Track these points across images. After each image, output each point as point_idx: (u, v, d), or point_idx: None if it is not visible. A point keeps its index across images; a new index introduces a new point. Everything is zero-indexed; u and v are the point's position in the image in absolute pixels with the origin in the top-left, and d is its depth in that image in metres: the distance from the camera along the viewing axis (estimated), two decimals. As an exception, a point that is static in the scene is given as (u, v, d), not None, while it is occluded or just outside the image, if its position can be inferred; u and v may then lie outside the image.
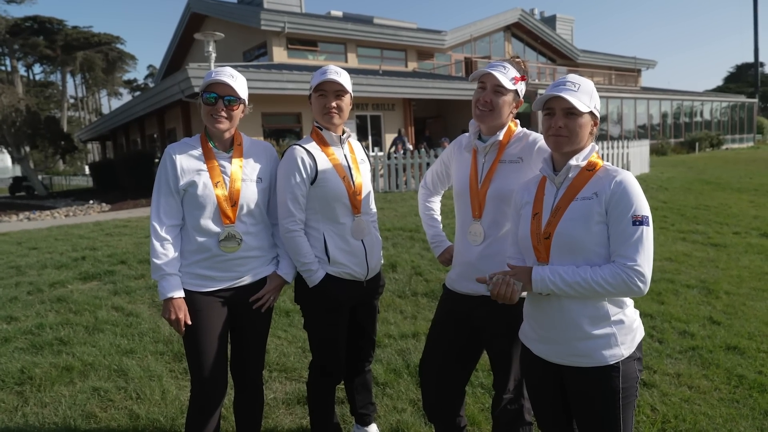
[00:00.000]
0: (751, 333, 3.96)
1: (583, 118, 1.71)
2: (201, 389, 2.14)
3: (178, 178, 2.11)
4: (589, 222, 1.66)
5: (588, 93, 1.72)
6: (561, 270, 1.66)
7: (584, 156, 1.74)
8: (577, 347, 1.72)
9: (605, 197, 1.65)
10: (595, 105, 1.73)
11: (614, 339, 1.69)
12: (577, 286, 1.63)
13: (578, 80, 1.74)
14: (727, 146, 29.63)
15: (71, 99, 57.05)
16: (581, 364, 1.72)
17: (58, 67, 51.41)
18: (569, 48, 30.37)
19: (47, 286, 5.14)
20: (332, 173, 2.25)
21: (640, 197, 1.64)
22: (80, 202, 16.98)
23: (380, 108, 19.82)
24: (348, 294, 2.33)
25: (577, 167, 1.74)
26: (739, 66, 69.67)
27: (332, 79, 2.19)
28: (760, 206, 9.79)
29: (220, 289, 2.17)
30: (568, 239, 1.69)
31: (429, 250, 6.12)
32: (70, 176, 40.83)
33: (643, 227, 1.60)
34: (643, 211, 1.62)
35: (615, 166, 2.01)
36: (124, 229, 8.16)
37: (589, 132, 1.75)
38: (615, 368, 1.69)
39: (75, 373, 3.38)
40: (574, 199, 1.71)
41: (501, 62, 2.09)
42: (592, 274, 1.62)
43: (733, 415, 2.87)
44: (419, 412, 2.93)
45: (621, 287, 1.61)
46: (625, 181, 1.65)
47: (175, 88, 14.96)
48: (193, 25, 24.54)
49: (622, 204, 1.62)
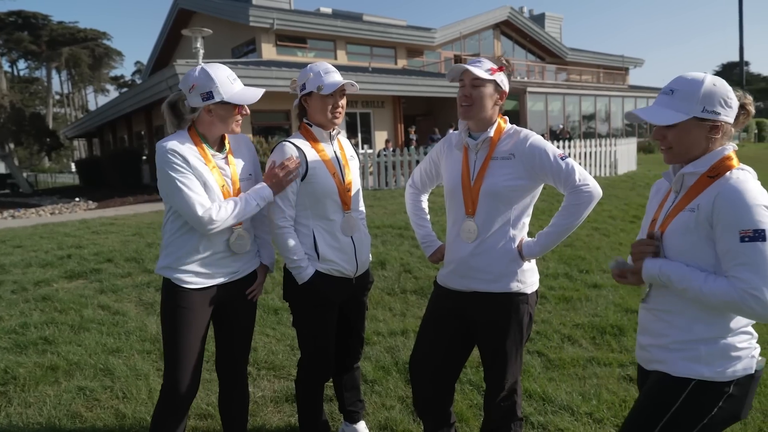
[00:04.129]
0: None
1: (684, 126, 1.55)
2: (175, 389, 2.08)
3: (196, 173, 2.02)
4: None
5: (687, 98, 1.55)
6: (671, 270, 1.52)
7: (707, 161, 1.56)
8: (657, 354, 1.61)
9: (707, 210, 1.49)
10: (704, 107, 1.53)
11: (697, 355, 1.52)
12: (685, 293, 1.50)
13: (678, 84, 1.58)
14: (712, 144, 29.95)
15: (57, 95, 56.36)
16: (660, 369, 1.61)
17: (43, 63, 50.65)
18: (558, 46, 30.51)
19: (32, 284, 5.07)
20: (322, 169, 2.25)
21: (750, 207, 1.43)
22: (66, 199, 16.77)
23: (370, 105, 19.79)
24: (337, 291, 2.33)
25: (695, 174, 1.57)
26: (725, 65, 70.53)
27: (342, 85, 2.23)
28: (745, 203, 9.91)
29: (214, 285, 2.14)
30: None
31: (418, 247, 6.12)
32: (55, 174, 40.38)
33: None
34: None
35: (602, 162, 1.92)
36: (111, 227, 8.07)
37: (704, 138, 1.55)
38: (685, 382, 1.53)
39: (60, 372, 3.34)
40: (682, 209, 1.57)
41: (476, 58, 2.12)
42: (703, 285, 1.46)
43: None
44: (408, 409, 2.93)
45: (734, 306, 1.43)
46: (728, 192, 1.46)
47: (163, 85, 14.84)
48: (180, 21, 24.32)
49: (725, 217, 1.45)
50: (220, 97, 2.04)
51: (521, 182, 2.08)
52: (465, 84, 2.08)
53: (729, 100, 1.55)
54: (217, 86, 2.03)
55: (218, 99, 2.04)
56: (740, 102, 1.59)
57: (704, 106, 1.53)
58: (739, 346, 1.51)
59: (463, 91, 2.08)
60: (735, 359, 1.50)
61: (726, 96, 1.54)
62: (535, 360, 3.51)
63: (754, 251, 1.39)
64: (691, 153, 1.58)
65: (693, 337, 1.53)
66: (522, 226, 2.17)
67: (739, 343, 1.51)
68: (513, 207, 2.11)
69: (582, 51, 32.58)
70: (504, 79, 2.10)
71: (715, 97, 1.53)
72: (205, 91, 2.03)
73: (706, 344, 1.51)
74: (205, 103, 2.04)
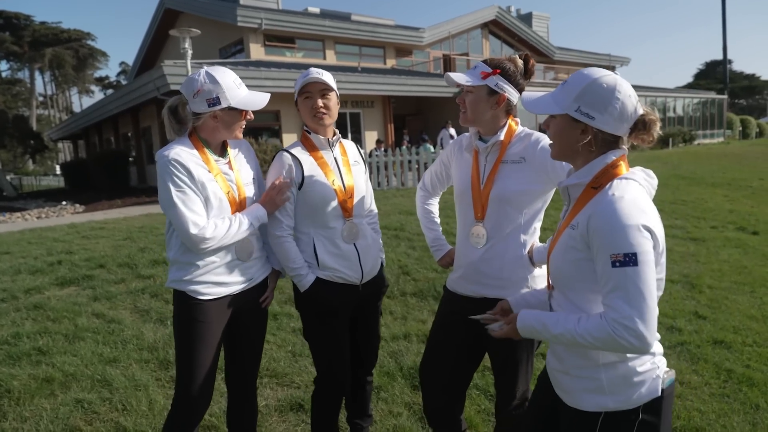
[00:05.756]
0: (736, 327, 4.02)
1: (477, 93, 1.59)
2: (187, 404, 2.03)
3: (197, 185, 1.95)
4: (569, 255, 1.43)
5: (569, 93, 1.46)
6: (547, 319, 1.45)
7: (588, 171, 1.44)
8: (561, 380, 1.55)
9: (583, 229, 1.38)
10: (579, 107, 1.41)
11: (599, 385, 1.44)
12: (562, 338, 1.39)
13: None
14: (698, 141, 30.31)
15: (40, 97, 55.52)
16: (564, 399, 1.55)
17: (26, 64, 49.94)
18: (545, 45, 30.66)
19: (22, 292, 4.95)
20: (319, 177, 2.21)
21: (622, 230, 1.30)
22: (52, 202, 16.50)
23: (359, 105, 19.71)
24: (341, 298, 2.27)
25: (579, 186, 1.46)
26: (708, 63, 71.50)
27: (316, 79, 2.16)
28: (735, 200, 10.02)
29: (228, 294, 2.08)
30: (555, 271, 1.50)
31: (415, 248, 6.09)
32: (40, 176, 39.77)
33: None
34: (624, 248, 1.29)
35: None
36: (101, 231, 7.94)
37: (577, 138, 1.43)
38: (594, 417, 1.45)
39: (56, 384, 3.25)
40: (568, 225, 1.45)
41: (477, 63, 2.10)
42: (576, 326, 1.37)
43: (725, 410, 2.90)
44: (416, 415, 2.89)
45: (609, 342, 1.32)
46: (601, 213, 1.33)
47: (150, 86, 14.64)
48: (167, 21, 24.07)
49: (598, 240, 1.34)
50: (227, 102, 1.98)
51: (532, 187, 2.04)
52: (462, 90, 2.09)
53: (612, 108, 1.38)
54: (224, 91, 1.97)
55: (225, 105, 1.98)
56: (642, 116, 1.42)
57: (579, 105, 1.40)
58: (640, 370, 1.42)
59: (459, 98, 2.10)
60: (638, 384, 1.42)
61: (609, 102, 1.38)
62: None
63: (624, 277, 1.28)
64: (567, 155, 1.48)
65: (591, 364, 1.45)
66: (533, 232, 2.13)
67: (639, 366, 1.41)
68: (523, 212, 2.08)
69: (569, 50, 32.78)
70: (501, 81, 2.04)
71: (595, 99, 1.39)
72: (211, 97, 1.96)
73: (606, 371, 1.43)
74: (211, 109, 1.97)
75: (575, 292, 1.45)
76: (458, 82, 2.03)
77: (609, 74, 1.42)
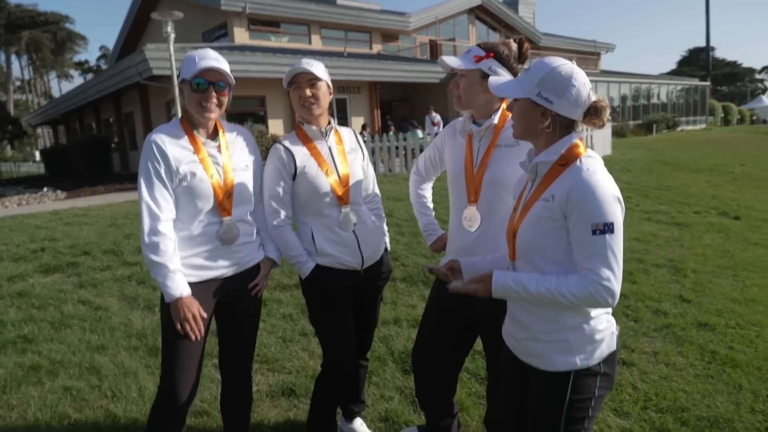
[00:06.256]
0: (719, 310, 4.10)
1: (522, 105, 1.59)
2: (173, 392, 1.99)
3: (173, 169, 1.96)
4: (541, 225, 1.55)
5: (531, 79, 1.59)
6: (525, 279, 1.56)
7: (556, 150, 1.57)
8: (531, 347, 1.65)
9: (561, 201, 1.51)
10: (540, 92, 1.54)
11: (568, 346, 1.58)
12: (541, 297, 1.52)
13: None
14: (682, 128, 30.64)
15: (17, 81, 54.17)
16: (536, 365, 1.65)
17: (2, 48, 48.57)
18: (531, 31, 30.60)
19: (5, 280, 4.86)
20: (313, 168, 2.22)
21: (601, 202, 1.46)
22: (33, 189, 16.17)
23: (346, 91, 19.55)
24: (343, 283, 2.28)
25: (547, 163, 1.59)
26: (691, 50, 72.05)
27: (303, 69, 2.17)
28: (717, 186, 10.18)
29: (213, 278, 2.06)
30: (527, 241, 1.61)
31: (404, 234, 6.09)
32: (19, 162, 38.93)
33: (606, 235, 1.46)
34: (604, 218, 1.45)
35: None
36: (85, 218, 7.81)
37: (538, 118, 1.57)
38: (566, 376, 1.58)
39: (43, 372, 3.21)
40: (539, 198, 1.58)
41: (470, 47, 2.12)
42: (557, 285, 1.50)
43: (709, 390, 2.96)
44: (407, 399, 2.91)
45: (589, 300, 1.49)
46: (581, 186, 1.48)
47: (132, 70, 14.35)
48: (148, 4, 23.48)
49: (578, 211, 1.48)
50: (183, 75, 2.01)
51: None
52: (456, 74, 2.10)
53: (569, 94, 1.53)
54: (185, 65, 2.01)
55: (183, 76, 2.02)
56: (594, 103, 1.56)
57: (540, 90, 1.54)
58: (600, 328, 1.59)
59: (452, 82, 2.12)
60: (599, 341, 1.59)
61: (566, 88, 1.52)
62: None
63: (603, 243, 1.45)
64: (529, 135, 1.62)
65: (559, 327, 1.58)
66: None
67: (599, 325, 1.59)
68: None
69: (555, 36, 32.79)
70: (495, 65, 2.03)
71: (554, 84, 1.53)
72: (183, 70, 2.03)
73: (573, 332, 1.58)
74: (181, 82, 2.04)
75: (544, 260, 1.58)
76: (452, 66, 2.05)
77: (567, 63, 1.56)
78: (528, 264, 1.62)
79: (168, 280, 1.91)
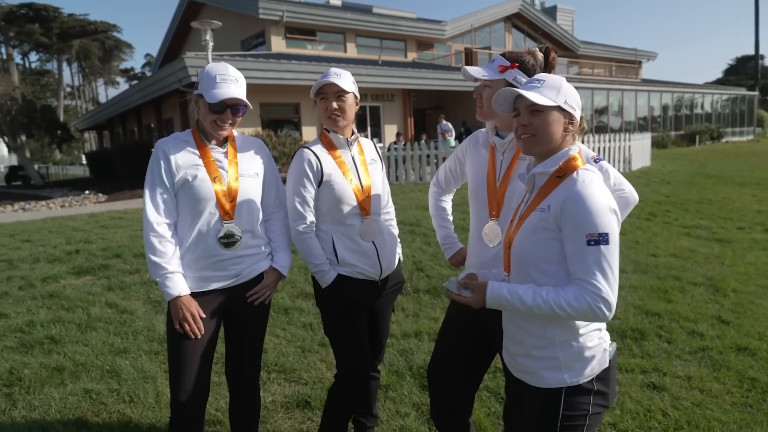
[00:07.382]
0: (761, 333, 3.86)
1: (551, 115, 1.55)
2: (180, 402, 2.01)
3: (173, 173, 1.99)
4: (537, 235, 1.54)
5: (554, 88, 1.57)
6: (521, 290, 1.53)
7: (554, 161, 1.57)
8: (523, 363, 1.65)
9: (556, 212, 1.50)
10: (566, 101, 1.57)
11: (557, 363, 1.57)
12: (537, 308, 1.50)
13: (543, 77, 1.60)
14: (727, 139, 29.53)
15: (68, 88, 56.59)
16: (528, 381, 1.64)
17: (54, 56, 50.87)
18: (570, 39, 30.10)
19: (39, 280, 5.02)
20: (338, 176, 2.21)
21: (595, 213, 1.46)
22: (77, 192, 16.81)
23: (379, 99, 19.63)
24: (363, 293, 2.26)
25: (545, 174, 1.59)
26: (739, 58, 69.52)
27: (331, 82, 2.15)
28: (764, 201, 9.70)
29: (216, 289, 2.07)
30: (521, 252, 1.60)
31: (430, 245, 6.01)
32: (66, 166, 40.62)
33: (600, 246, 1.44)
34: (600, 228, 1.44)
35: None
36: (120, 221, 8.03)
37: (563, 130, 1.58)
38: (557, 392, 1.57)
39: (66, 373, 3.27)
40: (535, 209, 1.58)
41: (496, 56, 2.06)
42: (555, 297, 1.48)
43: (747, 420, 2.77)
44: (423, 416, 2.83)
45: (587, 313, 1.46)
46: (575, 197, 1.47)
47: (172, 78, 14.77)
48: (190, 14, 24.24)
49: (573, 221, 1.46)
50: (199, 90, 2.03)
51: None
52: (480, 84, 2.04)
53: (576, 105, 1.61)
54: (202, 80, 2.03)
55: (198, 92, 2.04)
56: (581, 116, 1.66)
57: (566, 99, 1.57)
58: (590, 345, 1.57)
59: (476, 93, 2.06)
60: (590, 358, 1.57)
61: (575, 100, 1.61)
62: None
63: (599, 254, 1.44)
64: (548, 144, 1.59)
65: (548, 342, 1.57)
66: None
67: (589, 342, 1.57)
68: None
69: (594, 44, 32.15)
70: (519, 75, 1.96)
71: (570, 96, 1.59)
72: (197, 82, 2.06)
73: (562, 349, 1.56)
74: (196, 92, 2.05)
75: (537, 271, 1.56)
76: (475, 76, 1.99)
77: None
78: (521, 276, 1.61)
79: (167, 280, 1.95)
